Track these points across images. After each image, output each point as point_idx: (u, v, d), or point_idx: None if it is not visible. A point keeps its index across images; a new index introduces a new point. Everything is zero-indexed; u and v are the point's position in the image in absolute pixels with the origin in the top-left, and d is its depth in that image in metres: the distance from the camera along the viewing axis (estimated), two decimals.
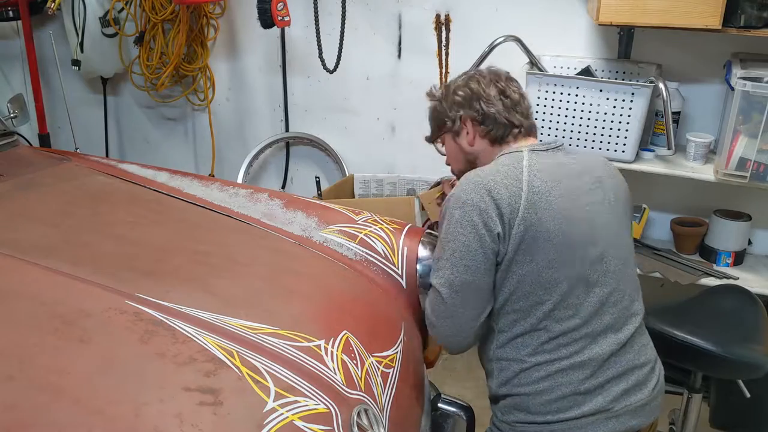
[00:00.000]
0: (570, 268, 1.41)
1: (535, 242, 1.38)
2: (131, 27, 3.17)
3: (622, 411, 1.43)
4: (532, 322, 1.42)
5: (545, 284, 1.40)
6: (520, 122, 1.55)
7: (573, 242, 1.41)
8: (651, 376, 1.50)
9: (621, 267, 1.48)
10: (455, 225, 1.42)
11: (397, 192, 3.04)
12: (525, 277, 1.40)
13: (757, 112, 2.11)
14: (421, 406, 1.56)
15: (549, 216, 1.39)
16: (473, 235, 1.40)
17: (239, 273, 1.52)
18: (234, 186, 1.96)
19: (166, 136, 3.53)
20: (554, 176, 1.44)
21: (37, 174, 1.92)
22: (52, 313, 1.22)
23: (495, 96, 1.54)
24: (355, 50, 2.94)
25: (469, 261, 1.41)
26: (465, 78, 1.60)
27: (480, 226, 1.39)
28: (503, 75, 1.60)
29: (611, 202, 1.50)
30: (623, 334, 1.46)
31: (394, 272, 1.71)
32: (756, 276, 2.43)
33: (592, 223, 1.44)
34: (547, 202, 1.40)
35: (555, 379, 1.42)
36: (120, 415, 1.04)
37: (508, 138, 1.55)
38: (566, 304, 1.41)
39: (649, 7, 2.14)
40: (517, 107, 1.55)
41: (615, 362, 1.44)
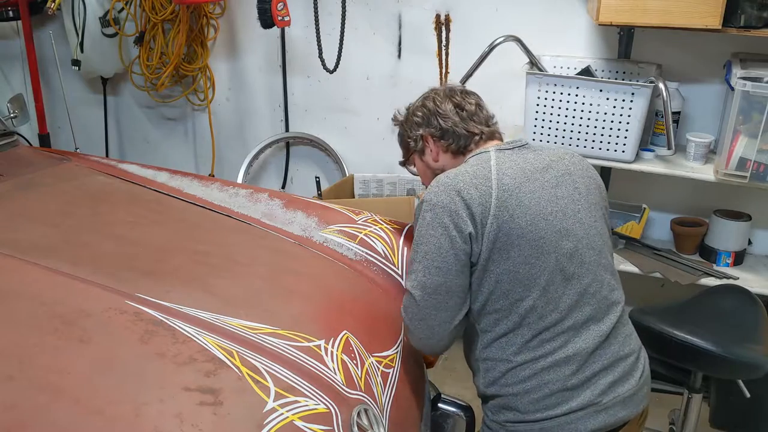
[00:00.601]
0: (546, 262, 1.41)
1: (509, 239, 1.40)
2: (131, 27, 3.17)
3: (610, 403, 1.43)
4: (515, 320, 1.43)
5: (523, 281, 1.41)
6: (480, 130, 1.58)
7: (546, 236, 1.42)
8: (636, 365, 1.50)
9: (596, 257, 1.48)
10: (426, 227, 1.43)
11: (397, 192, 3.04)
12: (502, 276, 1.41)
13: (757, 112, 2.11)
14: (421, 406, 1.56)
15: (520, 212, 1.41)
16: (444, 237, 1.40)
17: (239, 273, 1.52)
18: (234, 186, 1.96)
19: (166, 136, 3.53)
20: (523, 172, 1.46)
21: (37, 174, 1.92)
22: (52, 313, 1.22)
23: (451, 110, 1.58)
24: (355, 50, 2.94)
25: (440, 263, 1.41)
26: (421, 98, 1.66)
27: (451, 227, 1.40)
28: (458, 89, 1.64)
29: (581, 192, 1.51)
30: (605, 325, 1.46)
31: (394, 272, 1.71)
32: (756, 276, 2.43)
33: (564, 216, 1.45)
34: (518, 199, 1.42)
35: (541, 376, 1.42)
36: (120, 415, 1.04)
37: (470, 146, 1.58)
38: (546, 299, 1.42)
39: (649, 7, 2.14)
40: (474, 117, 1.59)
41: (600, 355, 1.44)
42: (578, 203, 1.49)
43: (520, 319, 1.42)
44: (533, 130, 2.44)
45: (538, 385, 1.42)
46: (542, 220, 1.42)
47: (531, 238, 1.40)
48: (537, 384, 1.42)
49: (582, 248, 1.46)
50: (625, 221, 2.59)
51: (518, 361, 1.43)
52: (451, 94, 1.62)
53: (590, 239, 1.48)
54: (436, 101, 1.61)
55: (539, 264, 1.41)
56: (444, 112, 1.58)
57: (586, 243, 1.47)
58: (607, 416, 1.43)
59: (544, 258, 1.41)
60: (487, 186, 1.42)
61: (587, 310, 1.45)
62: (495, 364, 1.46)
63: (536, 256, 1.41)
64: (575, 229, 1.46)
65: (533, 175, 1.47)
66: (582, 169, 1.56)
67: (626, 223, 2.58)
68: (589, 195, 1.52)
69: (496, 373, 1.47)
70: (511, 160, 1.49)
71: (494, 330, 1.45)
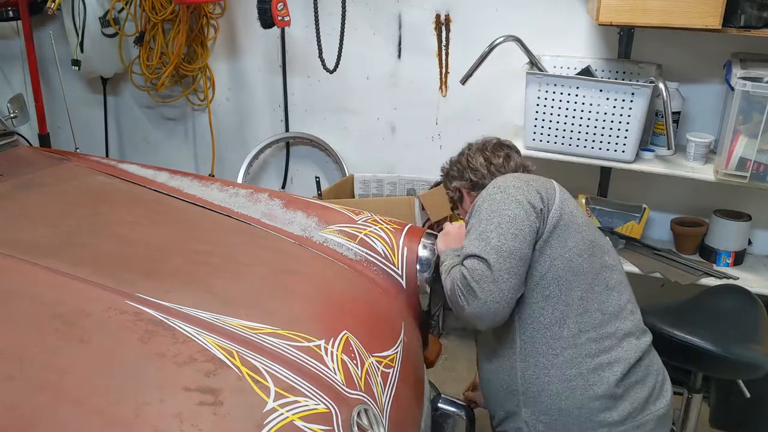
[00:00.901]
0: (593, 263, 1.52)
1: (568, 229, 1.51)
2: (131, 27, 3.17)
3: (645, 420, 1.49)
4: (561, 310, 1.48)
5: (575, 270, 1.49)
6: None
7: (596, 243, 1.55)
8: (665, 385, 1.57)
9: (627, 285, 1.60)
10: (498, 203, 1.50)
11: (397, 192, 3.04)
12: (556, 261, 1.49)
13: (757, 112, 2.10)
14: (421, 406, 1.56)
15: (578, 213, 1.56)
16: (519, 209, 1.49)
17: (239, 273, 1.52)
18: (234, 186, 1.96)
19: (166, 136, 3.53)
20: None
21: (37, 174, 1.92)
22: (52, 313, 1.22)
23: (481, 164, 1.73)
24: (355, 50, 2.94)
25: (516, 230, 1.47)
26: (460, 153, 1.82)
27: (524, 202, 1.50)
28: (491, 143, 1.78)
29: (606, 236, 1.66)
30: (643, 342, 1.54)
31: (394, 272, 1.71)
32: (756, 276, 2.43)
33: (603, 239, 1.60)
34: (574, 206, 1.57)
35: (587, 378, 1.46)
36: (120, 415, 1.04)
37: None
38: (592, 296, 1.49)
39: (649, 7, 2.14)
40: (501, 169, 1.72)
41: (638, 367, 1.50)
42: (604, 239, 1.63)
43: (566, 308, 1.48)
44: (533, 130, 2.44)
45: (584, 386, 1.46)
46: (592, 228, 1.58)
47: (585, 237, 1.53)
48: (584, 385, 1.46)
49: (619, 270, 1.58)
50: (625, 221, 2.59)
51: (566, 357, 1.47)
52: (484, 147, 1.77)
53: (621, 268, 1.61)
54: (468, 156, 1.77)
55: (589, 261, 1.51)
56: (474, 166, 1.74)
57: (619, 270, 1.59)
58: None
59: (593, 260, 1.52)
60: (549, 184, 1.59)
61: (627, 324, 1.52)
62: (538, 359, 1.49)
63: (588, 253, 1.52)
64: (612, 254, 1.60)
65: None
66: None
67: (626, 223, 2.58)
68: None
69: (539, 370, 1.49)
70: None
71: (539, 320, 1.49)
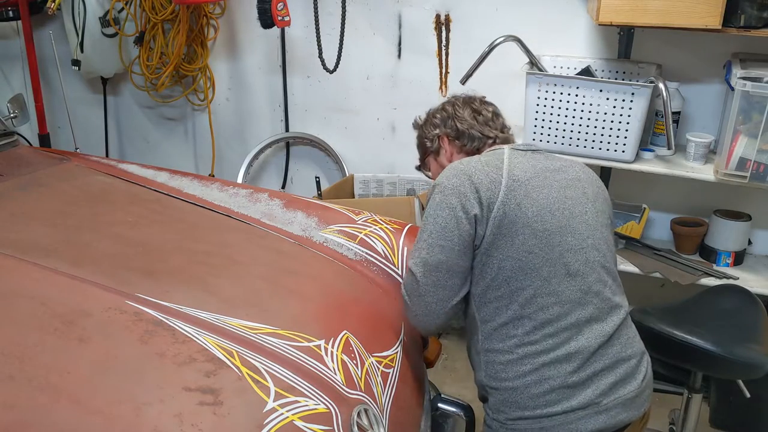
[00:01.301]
0: (549, 254, 1.44)
1: (514, 227, 1.43)
2: (131, 27, 3.17)
3: (611, 404, 1.43)
4: (515, 309, 1.44)
5: (525, 269, 1.43)
6: (495, 134, 1.66)
7: (552, 229, 1.45)
8: (639, 368, 1.50)
9: (600, 259, 1.50)
10: (434, 208, 1.47)
11: (397, 192, 3.04)
12: (504, 262, 1.43)
13: (757, 112, 2.11)
14: (421, 406, 1.56)
15: (528, 203, 1.45)
16: (450, 216, 1.44)
17: (239, 273, 1.52)
18: (234, 186, 1.96)
19: (166, 136, 3.53)
20: (534, 169, 1.51)
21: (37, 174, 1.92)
22: (52, 313, 1.22)
23: (468, 114, 1.67)
24: (355, 50, 2.94)
25: (444, 241, 1.44)
26: (442, 103, 1.75)
27: (458, 207, 1.44)
28: (477, 98, 1.73)
29: (589, 198, 1.54)
30: (608, 326, 1.47)
31: (394, 272, 1.71)
32: (756, 276, 2.43)
33: (571, 215, 1.49)
34: (526, 191, 1.46)
35: (542, 372, 1.43)
36: (120, 415, 1.04)
37: (483, 149, 1.65)
38: (548, 290, 1.43)
39: (649, 7, 2.14)
40: (490, 123, 1.67)
41: (602, 354, 1.45)
42: (585, 206, 1.52)
43: (520, 308, 1.44)
44: (533, 130, 2.44)
45: (539, 380, 1.43)
46: (548, 213, 1.46)
47: (536, 229, 1.44)
48: (537, 379, 1.43)
49: (586, 248, 1.48)
50: (625, 221, 2.59)
51: (519, 354, 1.44)
52: (470, 101, 1.71)
53: (595, 241, 1.50)
54: (455, 105, 1.70)
55: (542, 254, 1.44)
56: (461, 115, 1.67)
57: (590, 243, 1.49)
58: (608, 417, 1.42)
59: (547, 250, 1.44)
60: (497, 174, 1.47)
61: (590, 308, 1.45)
62: (495, 356, 1.47)
63: (540, 246, 1.44)
64: (581, 228, 1.49)
65: (543, 174, 1.52)
66: (592, 179, 1.61)
67: (626, 223, 2.58)
68: (596, 202, 1.56)
69: (497, 366, 1.47)
70: (524, 158, 1.54)
71: (495, 319, 1.47)
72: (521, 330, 1.44)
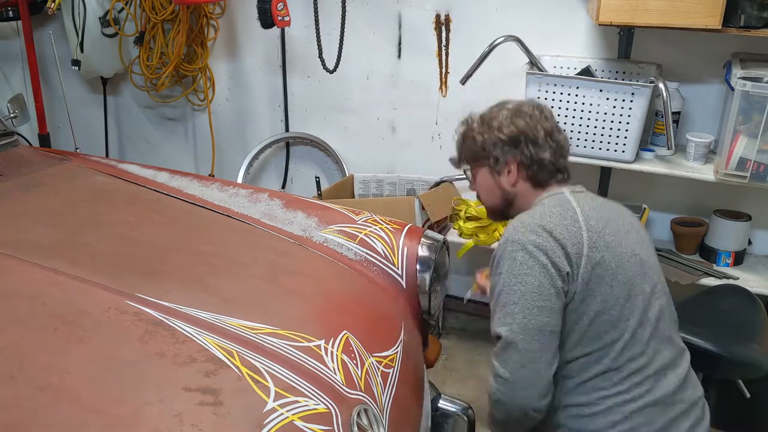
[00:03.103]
0: (634, 304, 1.40)
1: (602, 280, 1.37)
2: (131, 27, 3.17)
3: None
4: (606, 364, 1.40)
5: (616, 322, 1.39)
6: (565, 167, 1.54)
7: (632, 278, 1.41)
8: (704, 411, 1.52)
9: (667, 301, 1.50)
10: (519, 267, 1.37)
11: (397, 192, 3.04)
12: (597, 317, 1.38)
13: (757, 112, 2.10)
14: (421, 406, 1.56)
15: (609, 254, 1.39)
16: (544, 275, 1.35)
17: (239, 273, 1.52)
18: (234, 186, 1.96)
19: (166, 136, 3.53)
20: (602, 216, 1.45)
21: (37, 174, 1.92)
22: (52, 313, 1.22)
23: (543, 139, 1.50)
24: (355, 50, 2.94)
25: (542, 302, 1.35)
26: (509, 113, 1.53)
27: (549, 265, 1.36)
28: (547, 112, 1.55)
29: (645, 241, 1.53)
30: (681, 369, 1.47)
31: (394, 272, 1.71)
32: (756, 276, 2.43)
33: (641, 261, 1.45)
34: (605, 241, 1.40)
35: (633, 419, 1.40)
36: (120, 415, 1.04)
37: (551, 182, 1.53)
38: (635, 340, 1.40)
39: (649, 7, 2.14)
40: (562, 150, 1.53)
41: (680, 399, 1.44)
42: (647, 250, 1.50)
43: (611, 362, 1.40)
44: None
45: (631, 428, 1.40)
46: (627, 262, 1.42)
47: (621, 280, 1.39)
48: (629, 427, 1.40)
49: (658, 293, 1.47)
50: None
51: (608, 405, 1.41)
52: (542, 117, 1.53)
53: (663, 285, 1.50)
54: (528, 122, 1.50)
55: (629, 305, 1.40)
56: (537, 139, 1.49)
57: (660, 288, 1.48)
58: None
59: (632, 299, 1.40)
60: (576, 227, 1.40)
61: (667, 354, 1.45)
62: (580, 410, 1.43)
63: (626, 297, 1.40)
64: (650, 273, 1.47)
65: (611, 220, 1.46)
66: (637, 221, 1.58)
67: None
68: (649, 243, 1.54)
69: (583, 419, 1.43)
70: (589, 203, 1.48)
71: (582, 375, 1.42)
72: (609, 382, 1.41)
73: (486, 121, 1.55)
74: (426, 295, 1.72)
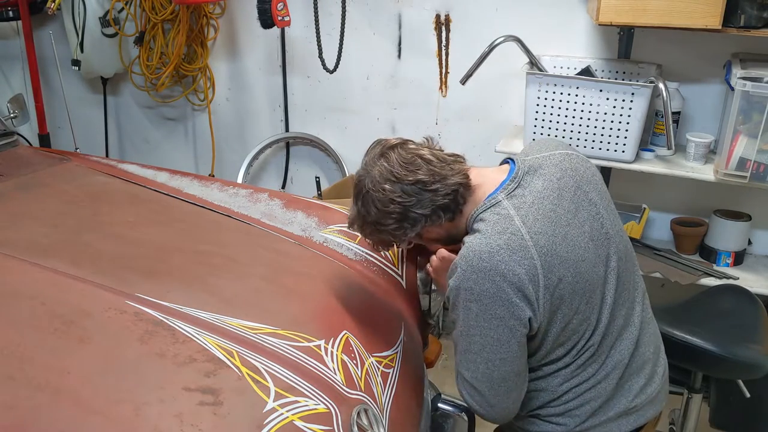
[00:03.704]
0: (593, 300, 1.36)
1: (562, 301, 1.32)
2: (131, 27, 3.17)
3: (641, 405, 1.44)
4: (566, 361, 1.40)
5: (577, 329, 1.37)
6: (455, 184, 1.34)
7: (587, 277, 1.34)
8: (658, 362, 1.50)
9: (630, 266, 1.45)
10: (476, 319, 1.29)
11: None
12: (559, 333, 1.35)
13: (757, 112, 2.10)
14: (421, 406, 1.55)
15: (565, 269, 1.30)
16: (502, 328, 1.28)
17: (239, 273, 1.52)
18: (234, 186, 1.96)
19: (166, 136, 3.53)
20: (547, 218, 1.32)
21: (37, 174, 1.92)
22: (52, 313, 1.22)
23: (415, 193, 1.32)
24: (355, 50, 2.94)
25: (504, 354, 1.31)
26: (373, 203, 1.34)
27: (507, 317, 1.27)
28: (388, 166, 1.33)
29: (596, 203, 1.40)
30: (634, 328, 1.43)
31: (394, 272, 1.71)
32: (756, 276, 2.43)
33: (594, 241, 1.36)
34: (558, 257, 1.29)
35: (584, 397, 1.42)
36: (120, 415, 1.04)
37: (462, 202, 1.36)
38: (594, 332, 1.39)
39: (649, 7, 2.14)
40: (437, 175, 1.32)
41: (632, 362, 1.44)
42: (600, 218, 1.39)
43: (570, 360, 1.40)
44: (533, 130, 2.44)
45: (581, 403, 1.42)
46: (581, 262, 1.32)
47: (579, 290, 1.33)
48: (579, 403, 1.42)
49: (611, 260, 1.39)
50: (625, 221, 2.59)
51: (564, 390, 1.42)
52: (389, 172, 1.32)
53: (617, 245, 1.41)
54: (388, 197, 1.32)
55: (588, 308, 1.35)
56: (411, 203, 1.32)
57: (614, 252, 1.40)
58: (638, 417, 1.44)
59: (592, 299, 1.35)
60: (527, 257, 1.26)
61: (619, 320, 1.41)
62: (537, 395, 1.44)
63: (584, 302, 1.34)
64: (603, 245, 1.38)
65: (556, 215, 1.33)
66: (583, 171, 1.43)
67: (626, 223, 2.58)
68: (602, 201, 1.42)
69: (537, 401, 1.45)
70: (530, 207, 1.32)
71: (541, 369, 1.43)
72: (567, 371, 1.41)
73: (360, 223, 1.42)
74: (426, 295, 1.72)
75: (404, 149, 1.36)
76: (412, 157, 1.34)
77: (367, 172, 1.37)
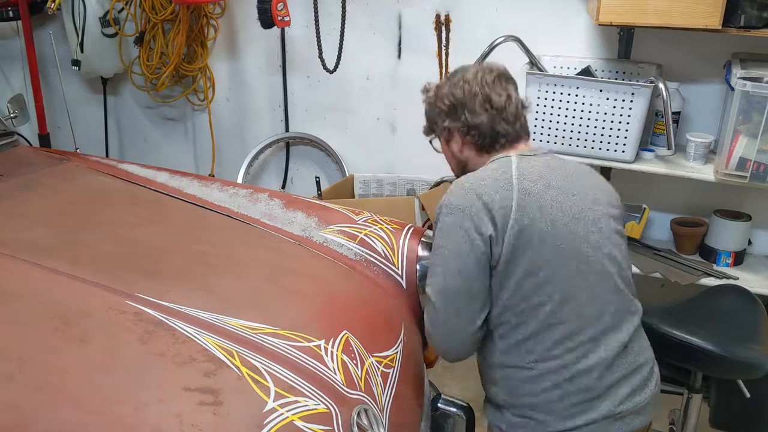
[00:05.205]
0: (565, 267, 1.40)
1: (530, 243, 1.38)
2: (131, 27, 3.17)
3: (627, 412, 1.44)
4: (535, 326, 1.41)
5: (543, 285, 1.39)
6: (506, 131, 1.53)
7: (567, 242, 1.41)
8: (651, 375, 1.50)
9: (616, 268, 1.47)
10: (446, 231, 1.42)
11: (397, 192, 3.04)
12: (523, 279, 1.39)
13: (757, 112, 2.11)
14: (421, 406, 1.56)
15: (541, 217, 1.40)
16: (464, 240, 1.39)
17: (239, 273, 1.52)
18: (234, 186, 1.96)
19: (166, 136, 3.53)
20: (544, 179, 1.45)
21: (37, 174, 1.92)
22: (52, 313, 1.22)
23: (480, 105, 1.52)
24: (355, 50, 2.94)
25: (460, 266, 1.40)
26: (451, 85, 1.57)
27: (471, 229, 1.39)
28: (489, 79, 1.55)
29: (601, 203, 1.49)
30: (624, 334, 1.46)
31: (394, 272, 1.71)
32: (756, 276, 2.43)
33: (585, 223, 1.44)
34: (539, 204, 1.41)
35: (564, 387, 1.41)
36: (120, 415, 1.04)
37: (495, 146, 1.55)
38: (567, 306, 1.40)
39: (649, 7, 2.14)
40: (503, 113, 1.52)
41: (619, 365, 1.44)
42: (597, 213, 1.47)
43: (540, 324, 1.41)
44: (533, 130, 2.44)
45: (560, 396, 1.41)
46: (562, 225, 1.41)
47: (551, 243, 1.40)
48: (559, 395, 1.42)
49: (601, 257, 1.45)
50: (625, 221, 2.58)
51: (540, 370, 1.42)
52: (483, 82, 1.53)
53: (610, 249, 1.47)
54: (465, 90, 1.53)
55: (559, 268, 1.40)
56: (473, 106, 1.52)
57: (605, 252, 1.46)
58: (623, 425, 1.44)
59: (564, 263, 1.40)
60: (508, 190, 1.41)
61: (607, 319, 1.44)
62: (514, 372, 1.45)
63: (556, 260, 1.40)
64: (596, 237, 1.45)
65: (554, 182, 1.45)
66: (600, 183, 1.57)
67: (626, 223, 2.58)
68: (608, 207, 1.51)
69: (514, 381, 1.45)
70: (533, 166, 1.48)
71: (513, 336, 1.43)
72: (540, 346, 1.42)
73: (436, 91, 1.62)
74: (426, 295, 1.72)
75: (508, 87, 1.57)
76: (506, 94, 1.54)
77: (476, 66, 1.60)
